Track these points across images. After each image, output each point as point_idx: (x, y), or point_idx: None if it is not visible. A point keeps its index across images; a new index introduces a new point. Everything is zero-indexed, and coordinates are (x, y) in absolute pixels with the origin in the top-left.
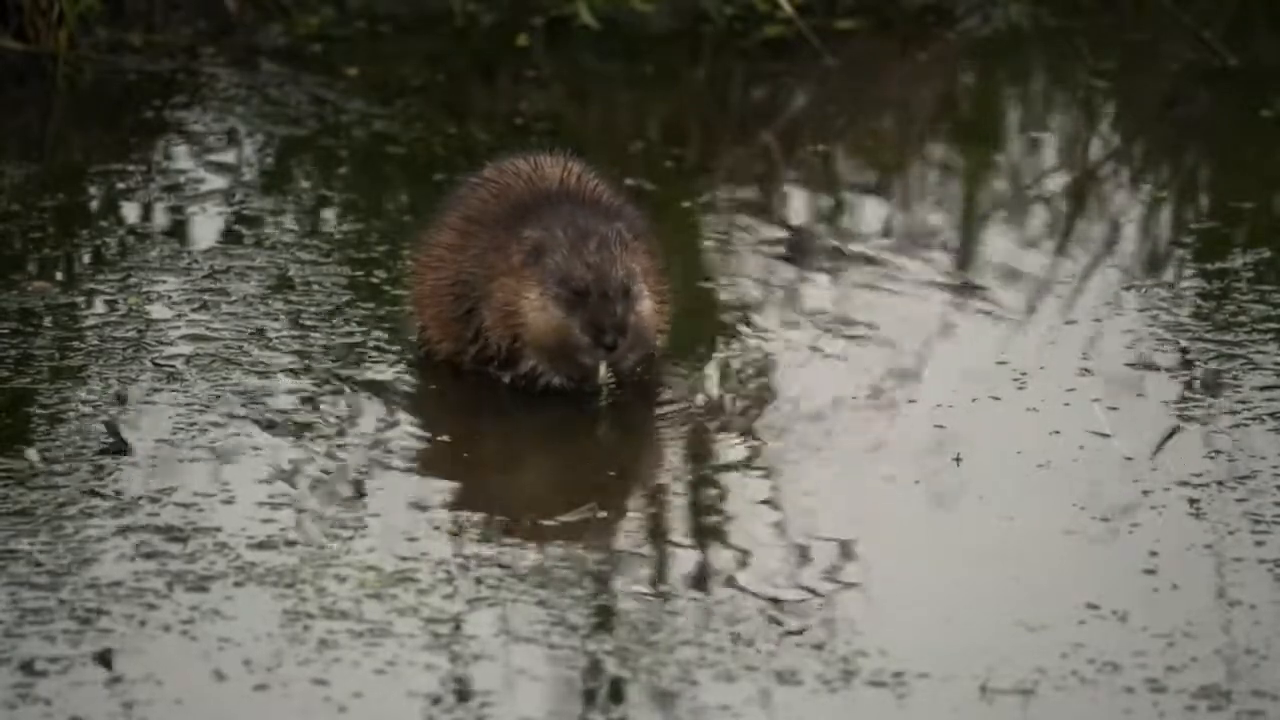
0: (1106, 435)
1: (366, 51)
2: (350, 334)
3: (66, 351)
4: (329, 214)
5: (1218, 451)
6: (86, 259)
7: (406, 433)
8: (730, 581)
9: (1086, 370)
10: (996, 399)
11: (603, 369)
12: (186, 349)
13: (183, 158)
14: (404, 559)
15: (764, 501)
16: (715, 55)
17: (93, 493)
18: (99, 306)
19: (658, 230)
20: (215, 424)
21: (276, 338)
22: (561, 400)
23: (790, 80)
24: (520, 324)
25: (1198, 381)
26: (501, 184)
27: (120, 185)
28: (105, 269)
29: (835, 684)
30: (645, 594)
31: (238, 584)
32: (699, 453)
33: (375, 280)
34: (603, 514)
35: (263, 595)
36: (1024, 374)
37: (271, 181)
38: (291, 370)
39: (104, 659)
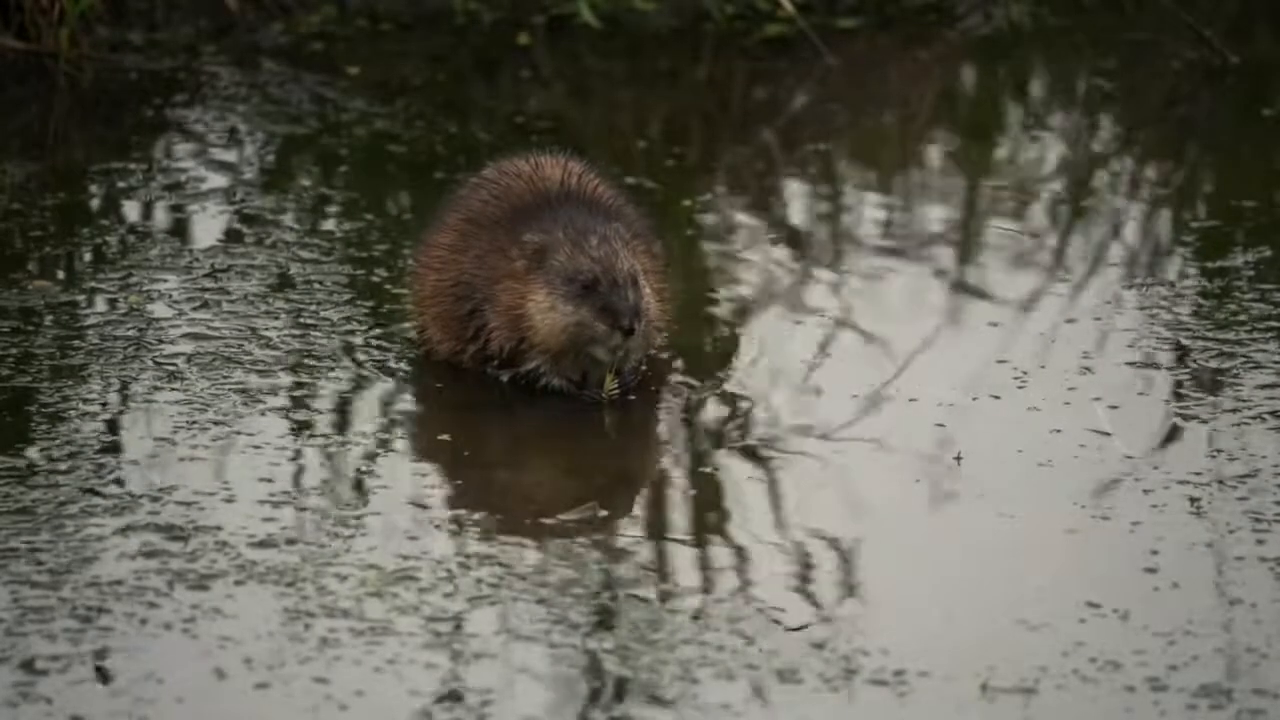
0: (1107, 434)
1: (367, 50)
2: (351, 332)
3: (67, 350)
4: (330, 213)
5: (1218, 450)
6: (87, 257)
7: (407, 431)
8: (730, 580)
9: (1087, 369)
10: (997, 398)
11: (609, 379)
12: (187, 347)
13: (184, 156)
14: (405, 557)
15: (764, 500)
16: (716, 54)
17: (93, 491)
18: (100, 305)
19: (658, 229)
20: (216, 422)
21: (277, 336)
22: (562, 399)
23: (791, 79)
24: (528, 326)
25: (1195, 379)
26: (502, 184)
27: (121, 184)
28: (106, 267)
29: (836, 683)
30: (645, 593)
31: (238, 582)
32: (699, 451)
33: (376, 279)
34: (603, 513)
35: (264, 594)
36: (1024, 373)
37: (272, 180)
38: (292, 369)
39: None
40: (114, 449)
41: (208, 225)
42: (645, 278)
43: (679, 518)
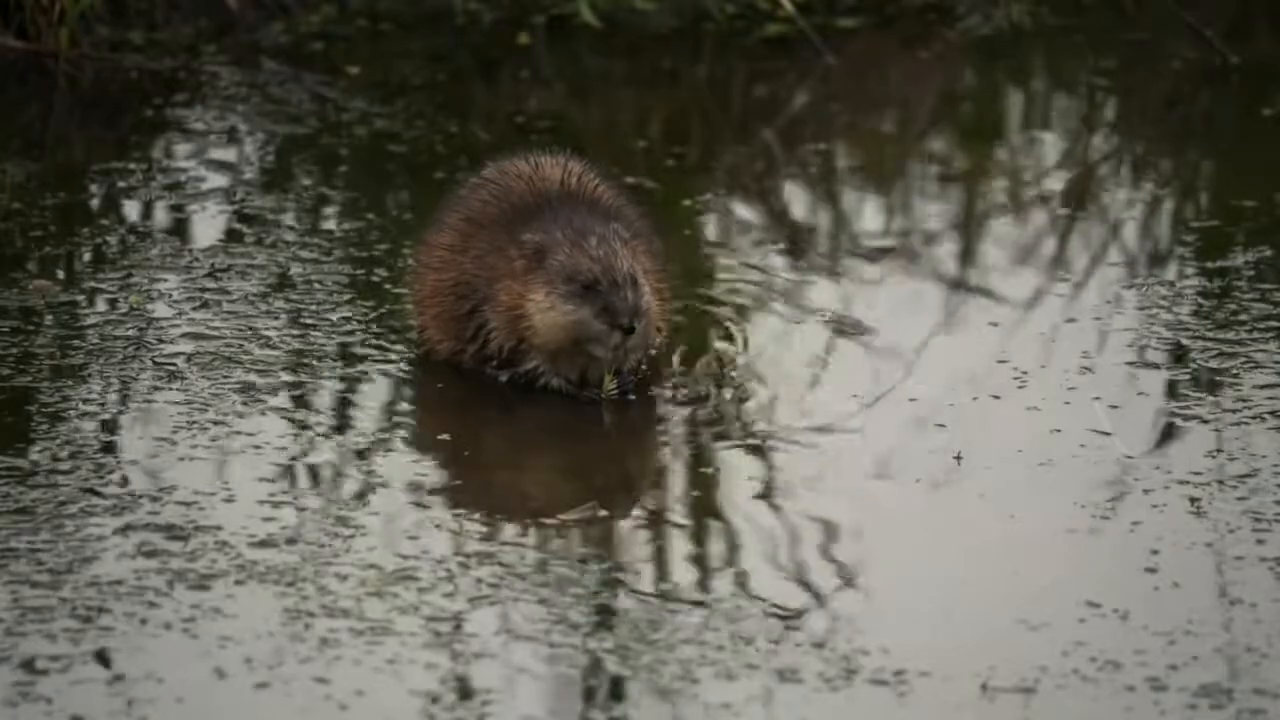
0: (1107, 434)
1: (367, 50)
2: (351, 332)
3: (67, 350)
4: (330, 212)
5: (1218, 450)
6: (87, 257)
7: (407, 431)
8: (730, 580)
9: (1087, 369)
10: (997, 398)
11: (607, 380)
12: (187, 347)
13: (184, 156)
14: (405, 557)
15: (764, 500)
16: (716, 54)
17: (93, 491)
18: (100, 305)
19: (658, 229)
20: (216, 422)
21: (277, 336)
22: (562, 399)
23: (791, 79)
24: (528, 326)
25: (1195, 379)
26: (502, 185)
27: (121, 184)
28: (106, 267)
29: (836, 682)
30: (646, 592)
31: (239, 582)
32: (699, 451)
33: (376, 279)
34: (603, 512)
35: (264, 593)
36: (1024, 373)
37: (272, 180)
38: (292, 369)
39: (103, 658)
40: (114, 449)
41: (208, 225)
42: (645, 277)
43: (679, 518)
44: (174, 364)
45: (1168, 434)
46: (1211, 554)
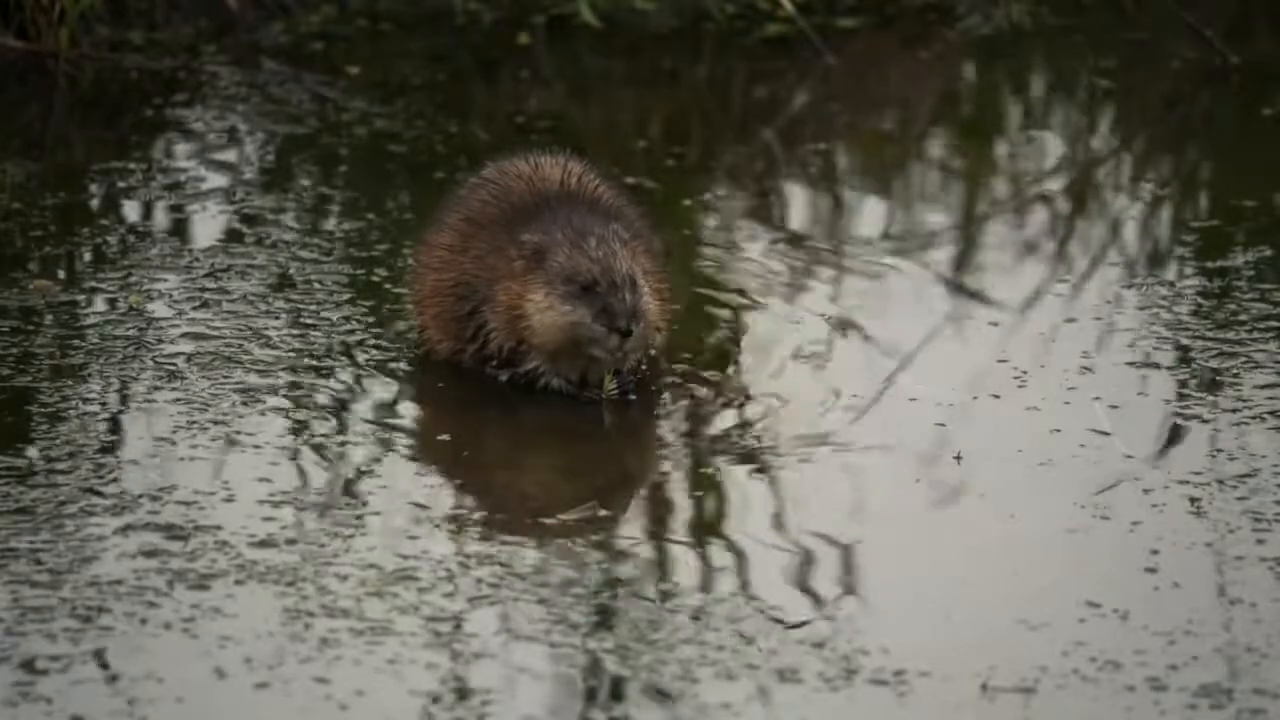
0: (1107, 433)
1: (367, 50)
2: (351, 332)
3: (67, 350)
4: (330, 212)
5: (1218, 450)
6: (87, 257)
7: (407, 431)
8: (730, 580)
9: (1087, 369)
10: (997, 398)
11: (607, 380)
12: (187, 347)
13: (184, 156)
14: (404, 557)
15: (764, 500)
16: (716, 54)
17: (93, 491)
18: (100, 305)
19: (658, 229)
20: (216, 422)
21: (277, 336)
22: (562, 399)
23: (791, 79)
24: (527, 326)
25: (1195, 379)
26: (502, 185)
27: (121, 184)
28: (106, 267)
29: (836, 682)
30: (646, 592)
31: (239, 582)
32: (699, 451)
33: (376, 279)
34: (603, 512)
35: (264, 593)
36: (1024, 373)
37: (272, 180)
38: (292, 369)
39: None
40: (114, 449)
41: (208, 225)
42: (645, 278)
43: (679, 517)
44: (174, 364)
45: (1168, 434)
46: (1211, 554)
